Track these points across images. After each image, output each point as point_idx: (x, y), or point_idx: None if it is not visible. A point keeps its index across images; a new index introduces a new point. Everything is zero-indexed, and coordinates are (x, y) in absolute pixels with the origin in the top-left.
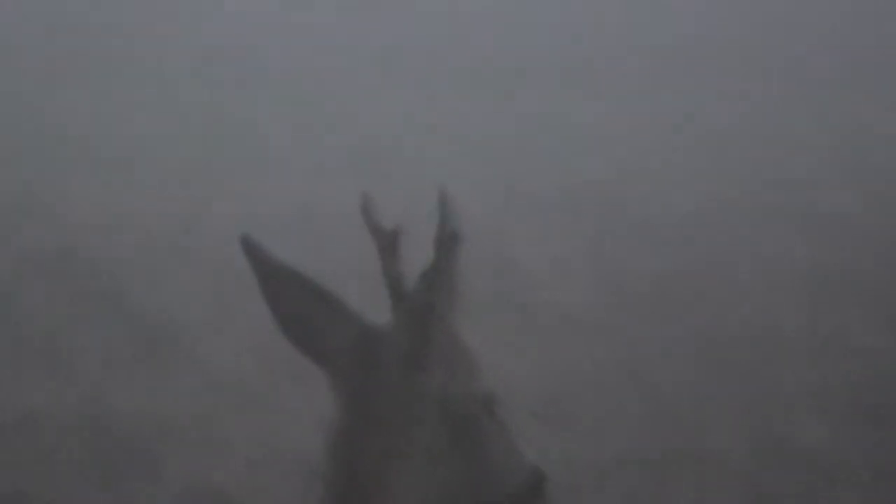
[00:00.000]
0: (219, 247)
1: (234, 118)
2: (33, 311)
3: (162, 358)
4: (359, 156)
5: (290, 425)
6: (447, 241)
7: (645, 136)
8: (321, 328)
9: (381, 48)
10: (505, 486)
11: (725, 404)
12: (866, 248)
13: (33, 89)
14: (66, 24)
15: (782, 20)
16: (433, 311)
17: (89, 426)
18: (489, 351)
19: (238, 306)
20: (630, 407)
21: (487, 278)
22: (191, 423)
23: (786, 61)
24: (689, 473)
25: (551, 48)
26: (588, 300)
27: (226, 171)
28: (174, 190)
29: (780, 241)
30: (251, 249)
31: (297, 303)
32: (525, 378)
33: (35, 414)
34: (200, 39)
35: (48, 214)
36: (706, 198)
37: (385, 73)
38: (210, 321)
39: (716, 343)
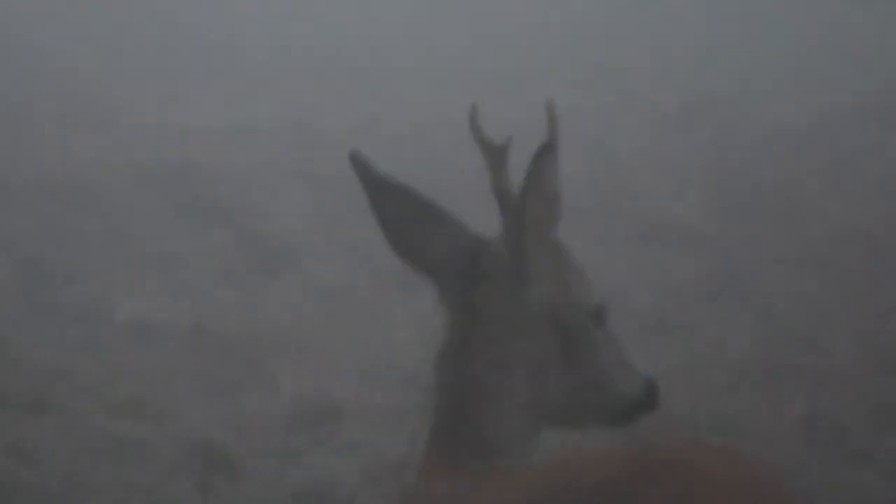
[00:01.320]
0: (331, 160)
1: (348, 33)
2: (150, 221)
3: (274, 270)
4: (469, 69)
5: (400, 337)
6: (542, 152)
7: (760, 47)
8: (428, 240)
9: None
10: (618, 399)
11: (841, 315)
12: None
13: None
14: None
15: None
16: (525, 216)
17: (203, 336)
18: (600, 261)
19: (348, 220)
20: (746, 318)
21: (600, 190)
22: (301, 335)
23: None
24: (805, 385)
25: None
26: (702, 211)
27: (340, 85)
28: (288, 102)
29: (893, 151)
30: (360, 164)
31: (404, 216)
32: (637, 289)
33: (151, 322)
34: None
35: (164, 127)
36: (824, 105)
37: None
38: (321, 234)
39: (831, 253)
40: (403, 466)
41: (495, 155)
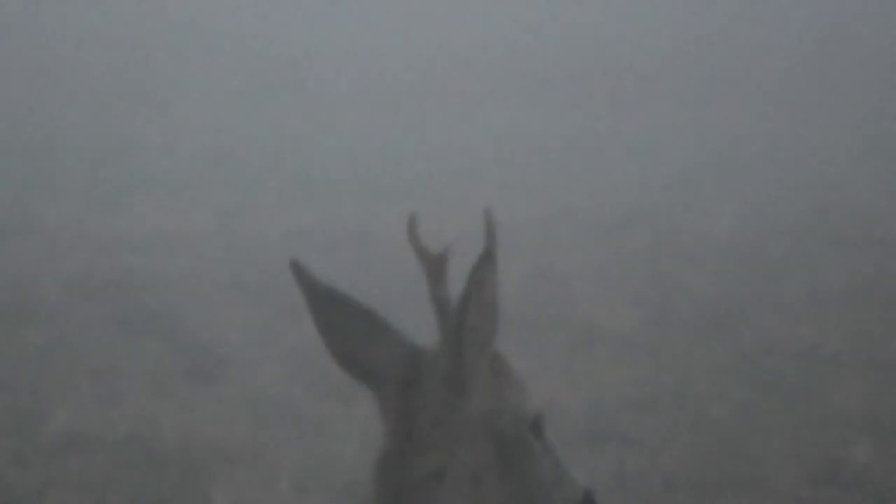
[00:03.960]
0: (268, 271)
1: (286, 139)
2: (83, 334)
3: (209, 379)
4: (411, 178)
5: (339, 449)
6: (481, 262)
7: (695, 159)
8: (368, 349)
9: (430, 63)
10: None
11: (775, 426)
12: None
13: (88, 111)
14: (123, 56)
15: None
16: (465, 325)
17: (137, 447)
18: (537, 372)
19: (287, 331)
20: (680, 428)
21: (537, 300)
22: (240, 447)
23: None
24: (738, 497)
25: (601, 64)
26: (637, 321)
27: (278, 194)
28: (224, 213)
29: (825, 263)
30: (300, 272)
31: (344, 324)
32: (573, 399)
33: (85, 436)
34: (249, 60)
35: (99, 238)
36: (753, 220)
37: (436, 91)
38: (259, 345)
39: (764, 364)
40: None
41: (434, 265)
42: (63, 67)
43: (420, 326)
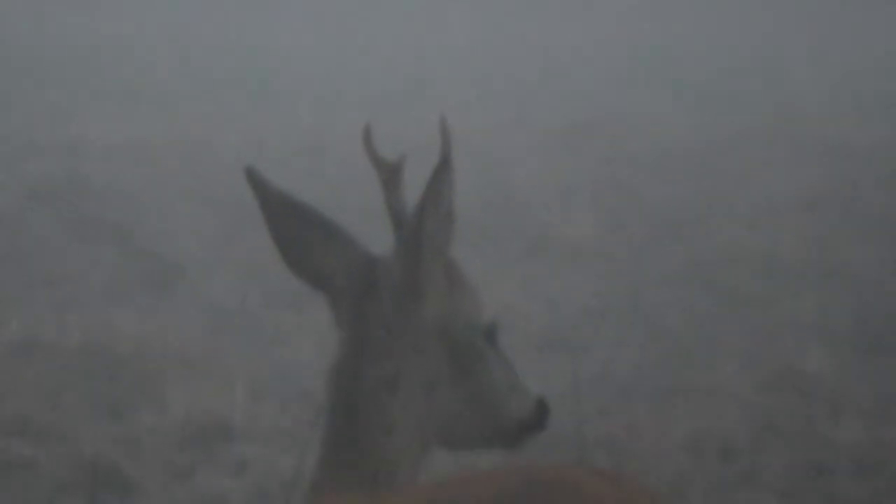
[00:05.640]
0: (224, 178)
1: (246, 47)
2: (40, 239)
3: (166, 287)
4: (368, 86)
5: (292, 354)
6: (438, 170)
7: (652, 67)
8: (322, 257)
9: None
10: (508, 418)
11: (729, 334)
12: (869, 178)
13: (44, 9)
14: None
15: None
16: (421, 232)
17: (92, 354)
18: (491, 279)
19: (242, 239)
20: (634, 337)
21: (492, 209)
22: (193, 352)
23: None
24: (693, 404)
25: None
26: (592, 229)
27: (234, 105)
28: (182, 118)
29: (781, 172)
30: (256, 180)
31: (299, 232)
32: (527, 306)
33: (41, 340)
34: None
35: (54, 146)
36: (710, 129)
37: (389, 2)
38: (215, 253)
39: (719, 272)
40: (293, 485)
41: (389, 173)
42: None
43: (375, 238)
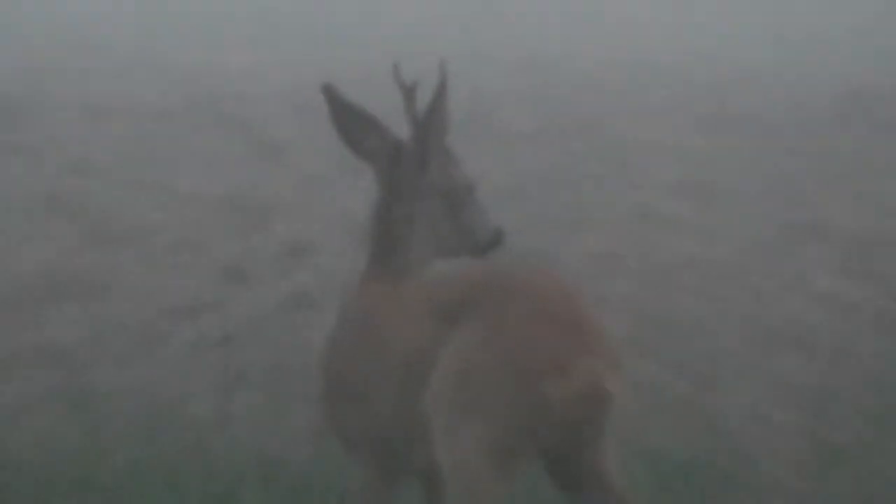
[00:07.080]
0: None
1: None
2: None
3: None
4: (372, 32)
5: (352, 206)
6: (440, 87)
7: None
8: (367, 138)
9: None
10: (479, 239)
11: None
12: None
13: None
14: None
15: None
16: (428, 127)
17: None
18: (465, 156)
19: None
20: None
21: (472, 116)
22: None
23: None
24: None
25: None
26: (535, 124)
27: (242, 33)
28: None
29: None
30: (330, 93)
31: (355, 124)
32: (489, 175)
33: None
34: None
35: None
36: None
37: None
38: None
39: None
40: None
41: (408, 92)
42: None
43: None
